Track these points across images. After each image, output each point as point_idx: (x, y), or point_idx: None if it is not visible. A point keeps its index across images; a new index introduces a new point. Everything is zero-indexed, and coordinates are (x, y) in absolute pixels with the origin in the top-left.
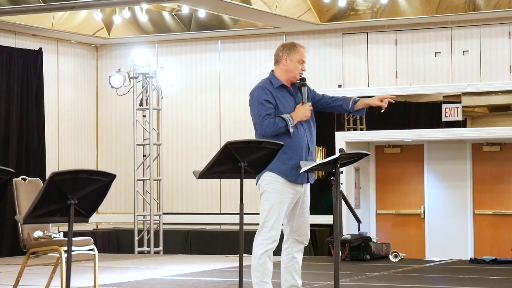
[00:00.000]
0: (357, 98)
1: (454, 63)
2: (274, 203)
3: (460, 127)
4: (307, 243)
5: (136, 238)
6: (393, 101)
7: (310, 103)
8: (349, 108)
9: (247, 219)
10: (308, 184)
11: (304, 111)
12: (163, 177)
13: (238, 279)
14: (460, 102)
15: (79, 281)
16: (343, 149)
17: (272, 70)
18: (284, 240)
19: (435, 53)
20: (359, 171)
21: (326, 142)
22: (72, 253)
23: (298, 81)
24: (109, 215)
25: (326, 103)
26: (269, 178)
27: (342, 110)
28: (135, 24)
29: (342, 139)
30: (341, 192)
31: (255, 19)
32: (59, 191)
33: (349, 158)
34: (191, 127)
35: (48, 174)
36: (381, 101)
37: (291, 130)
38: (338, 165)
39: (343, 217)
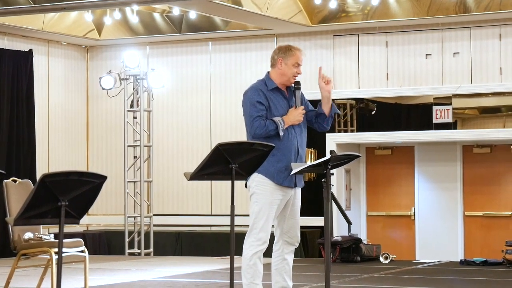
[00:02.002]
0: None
1: (444, 65)
2: (263, 204)
3: (451, 129)
4: (297, 245)
5: (127, 239)
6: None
7: (303, 107)
8: (319, 110)
9: (238, 220)
10: (299, 188)
11: (296, 115)
12: (153, 179)
13: (229, 281)
14: (450, 104)
15: (69, 283)
16: (334, 151)
17: (268, 72)
18: (274, 241)
19: (426, 55)
20: (350, 173)
21: (316, 144)
22: (63, 254)
23: (293, 85)
24: (99, 216)
25: (312, 116)
26: (258, 180)
27: (321, 117)
28: (126, 26)
29: (333, 141)
30: (332, 193)
31: (246, 21)
32: (50, 193)
33: (340, 160)
34: (182, 129)
35: (38, 175)
36: (323, 81)
37: (281, 134)
38: (329, 166)
39: (333, 218)
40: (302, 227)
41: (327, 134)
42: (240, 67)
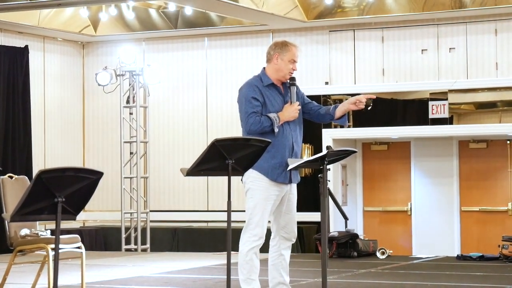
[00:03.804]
0: (338, 105)
1: (440, 60)
2: (258, 200)
3: (447, 124)
4: (294, 240)
5: (123, 235)
6: (374, 98)
7: (298, 103)
8: (330, 111)
9: (234, 216)
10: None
11: (291, 111)
12: (150, 175)
13: (226, 277)
14: (446, 99)
15: (66, 279)
16: (330, 146)
17: (264, 68)
18: (271, 237)
19: (422, 50)
20: (346, 168)
21: (313, 139)
22: (59, 251)
23: (288, 81)
24: (96, 212)
25: (312, 109)
26: (253, 175)
27: (327, 117)
28: (122, 22)
29: (329, 136)
30: (328, 189)
31: (242, 17)
32: (47, 189)
33: (336, 155)
34: (178, 125)
35: (34, 172)
36: (355, 103)
37: (276, 130)
38: (325, 162)
39: (330, 214)
40: (298, 222)
41: (323, 130)
42: (236, 62)
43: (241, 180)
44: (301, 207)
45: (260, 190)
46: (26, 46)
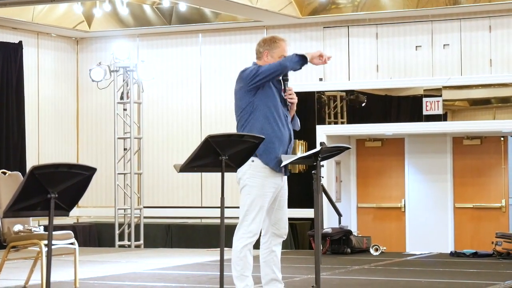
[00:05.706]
0: None
1: (434, 57)
2: (255, 196)
3: (441, 121)
4: (285, 237)
5: (117, 231)
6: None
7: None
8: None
9: (227, 212)
10: (286, 177)
11: (316, 56)
12: (144, 171)
13: (219, 273)
14: (440, 96)
15: (59, 275)
16: (324, 142)
17: (255, 63)
18: (262, 234)
19: (416, 46)
20: (340, 165)
21: (307, 135)
22: (53, 247)
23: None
24: (89, 208)
25: None
26: (250, 172)
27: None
28: (116, 17)
29: (323, 132)
30: (322, 185)
31: (236, 13)
32: (40, 185)
33: (330, 152)
34: (172, 121)
35: (28, 167)
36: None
37: (308, 58)
38: (319, 158)
39: (324, 210)
40: (292, 219)
41: (317, 126)
42: (230, 59)
43: (237, 177)
44: (294, 204)
45: (257, 186)
46: (20, 42)
